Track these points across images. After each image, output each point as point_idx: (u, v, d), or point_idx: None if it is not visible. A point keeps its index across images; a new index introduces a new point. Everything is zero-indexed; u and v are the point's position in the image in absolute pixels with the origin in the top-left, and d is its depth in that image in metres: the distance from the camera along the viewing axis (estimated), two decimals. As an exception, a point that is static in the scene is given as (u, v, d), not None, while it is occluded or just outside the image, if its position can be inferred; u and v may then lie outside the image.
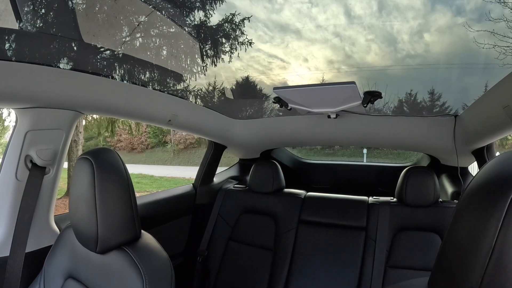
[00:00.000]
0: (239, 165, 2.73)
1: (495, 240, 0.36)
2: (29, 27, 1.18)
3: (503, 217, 0.36)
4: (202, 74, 1.94)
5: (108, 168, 0.88)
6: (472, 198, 0.44)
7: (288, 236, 1.94)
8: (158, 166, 15.04)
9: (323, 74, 1.95)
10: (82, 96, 1.18)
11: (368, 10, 1.57)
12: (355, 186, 2.46)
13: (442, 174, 2.16)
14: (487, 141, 1.52)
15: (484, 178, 0.42)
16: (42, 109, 1.12)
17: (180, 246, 2.12)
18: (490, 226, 0.37)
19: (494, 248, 0.36)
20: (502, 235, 0.36)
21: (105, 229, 0.85)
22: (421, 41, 1.66)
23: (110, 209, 0.87)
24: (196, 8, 1.66)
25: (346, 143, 2.28)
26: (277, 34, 1.82)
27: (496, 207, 0.37)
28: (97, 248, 0.86)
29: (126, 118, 1.52)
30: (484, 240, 0.38)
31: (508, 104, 1.12)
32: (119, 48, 1.54)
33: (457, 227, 0.45)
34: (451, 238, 0.47)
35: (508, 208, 0.36)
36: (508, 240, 0.36)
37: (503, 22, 1.38)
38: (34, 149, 1.14)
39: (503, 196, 0.37)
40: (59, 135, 1.20)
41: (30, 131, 1.12)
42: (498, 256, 0.36)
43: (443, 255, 0.48)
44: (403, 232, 1.72)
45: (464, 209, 0.45)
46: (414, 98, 2.08)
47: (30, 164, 1.14)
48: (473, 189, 0.44)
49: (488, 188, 0.40)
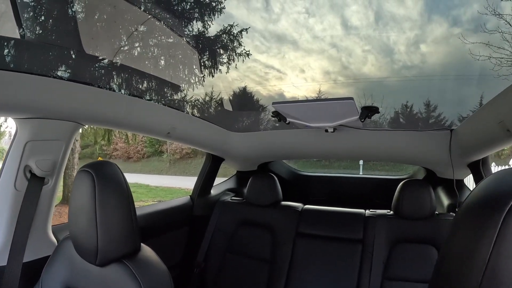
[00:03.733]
0: (236, 177, 2.73)
1: (489, 254, 0.38)
2: (31, 35, 1.19)
3: (497, 233, 0.38)
4: (200, 84, 1.94)
5: (109, 181, 0.89)
6: (468, 214, 0.45)
7: (286, 248, 1.94)
8: (154, 176, 14.95)
9: (320, 85, 1.96)
10: (82, 107, 1.19)
11: (365, 21, 1.59)
12: (352, 198, 2.47)
13: (438, 186, 2.17)
14: (483, 154, 1.54)
15: (480, 194, 0.44)
16: (42, 119, 1.12)
17: (177, 257, 2.11)
18: (485, 241, 0.39)
19: (488, 262, 0.38)
20: (495, 250, 0.37)
21: (105, 241, 0.85)
22: (417, 52, 1.67)
23: (111, 222, 0.86)
24: (195, 19, 1.67)
25: (343, 157, 2.32)
26: (274, 45, 1.83)
27: (490, 223, 0.39)
28: (97, 260, 0.86)
29: (125, 130, 1.54)
30: (479, 254, 0.39)
31: (503, 120, 1.15)
32: (118, 58, 1.54)
33: (453, 240, 0.47)
34: (448, 251, 0.48)
35: (501, 224, 0.37)
36: (502, 255, 0.37)
37: (498, 33, 1.40)
38: (33, 159, 1.14)
39: (497, 213, 0.38)
40: (59, 146, 1.21)
41: (30, 141, 1.12)
42: (492, 269, 0.38)
43: (440, 268, 0.50)
44: (400, 244, 1.73)
45: (461, 224, 0.46)
46: (410, 110, 2.10)
47: (29, 174, 1.15)
48: (470, 205, 0.46)
49: (484, 204, 0.42)
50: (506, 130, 1.15)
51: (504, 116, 1.14)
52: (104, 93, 1.27)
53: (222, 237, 2.13)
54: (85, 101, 1.19)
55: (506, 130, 1.14)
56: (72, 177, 7.35)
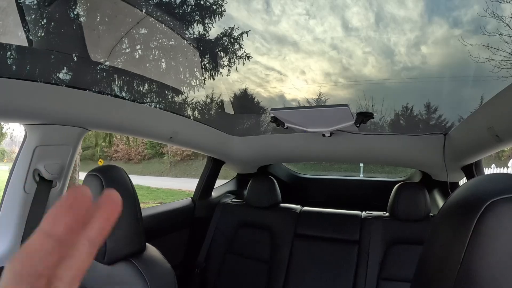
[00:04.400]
0: (236, 179, 2.77)
1: (463, 256, 0.40)
2: (36, 41, 1.22)
3: (469, 235, 0.40)
4: (201, 87, 1.96)
5: (116, 184, 0.93)
6: (446, 215, 0.48)
7: (284, 249, 1.97)
8: (155, 177, 14.98)
9: (320, 87, 1.97)
10: (88, 113, 1.23)
11: (366, 22, 1.59)
12: (350, 200, 2.51)
13: (434, 189, 2.20)
14: (475, 158, 1.57)
15: (458, 198, 0.47)
16: (50, 125, 1.16)
17: (179, 258, 2.14)
18: (459, 244, 0.41)
19: (461, 264, 0.40)
20: (468, 253, 0.39)
21: (113, 241, 0.89)
22: (418, 53, 1.68)
23: (118, 222, 0.87)
24: (196, 22, 1.68)
25: (341, 160, 2.36)
26: (274, 46, 1.83)
27: (464, 226, 0.41)
28: (105, 258, 0.90)
29: (129, 135, 1.56)
30: (453, 256, 0.42)
31: (492, 125, 1.17)
32: (119, 60, 1.56)
33: (433, 241, 0.50)
34: (427, 251, 0.51)
35: (474, 228, 0.39)
36: (474, 258, 0.39)
37: (497, 35, 1.41)
38: (42, 163, 1.18)
39: (471, 216, 0.40)
40: (66, 150, 1.25)
41: (38, 146, 1.16)
42: (465, 270, 0.40)
43: (421, 267, 0.52)
44: (395, 245, 1.76)
45: (439, 225, 0.49)
46: (410, 111, 2.11)
47: (38, 177, 1.18)
48: (448, 207, 0.48)
49: (459, 208, 0.44)
50: (495, 136, 1.17)
51: (493, 122, 1.16)
52: (109, 100, 1.31)
53: (222, 238, 2.17)
54: (91, 107, 1.23)
55: (495, 135, 1.16)
56: (73, 179, 7.35)
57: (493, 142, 1.23)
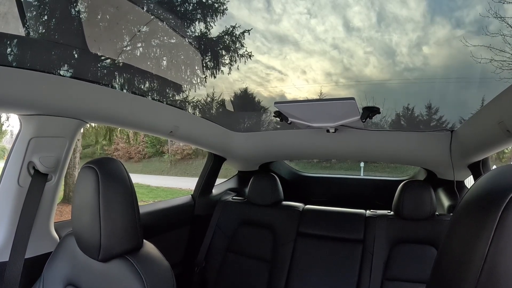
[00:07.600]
0: (237, 177, 2.74)
1: (487, 250, 0.38)
2: (33, 35, 1.20)
3: (494, 228, 0.38)
4: (202, 85, 1.95)
5: (113, 177, 0.89)
6: (465, 211, 0.45)
7: (286, 248, 1.94)
8: (155, 176, 14.93)
9: (321, 87, 1.96)
10: (86, 105, 1.20)
11: (367, 22, 1.58)
12: (352, 199, 2.47)
13: (439, 187, 2.17)
14: (483, 155, 1.55)
15: (477, 191, 0.44)
16: (46, 116, 1.13)
17: (178, 256, 2.11)
18: (483, 238, 0.39)
19: (486, 259, 0.38)
20: (493, 246, 0.37)
21: (108, 237, 0.85)
22: (419, 54, 1.67)
23: (114, 217, 0.87)
24: (197, 20, 1.68)
25: (345, 157, 2.32)
26: (275, 46, 1.83)
27: (488, 219, 0.39)
28: (100, 256, 0.86)
29: (129, 128, 1.54)
30: (477, 251, 0.39)
31: (503, 120, 1.15)
32: (121, 58, 1.55)
33: (451, 238, 0.47)
34: (446, 249, 0.48)
35: (499, 219, 0.37)
36: (500, 251, 0.37)
37: (500, 36, 1.40)
38: (37, 156, 1.14)
39: (495, 209, 0.38)
40: (63, 143, 1.22)
41: (33, 138, 1.13)
42: (490, 266, 0.37)
43: (438, 266, 0.50)
44: (400, 245, 1.73)
45: (458, 221, 0.47)
46: (411, 112, 2.10)
47: (32, 170, 1.15)
48: (467, 202, 0.46)
49: (481, 201, 0.42)
50: (506, 131, 1.15)
51: (504, 116, 1.14)
52: (107, 91, 1.27)
53: (223, 236, 2.14)
54: (89, 98, 1.19)
55: (506, 130, 1.15)
56: (73, 177, 7.34)
57: (503, 137, 1.20)
